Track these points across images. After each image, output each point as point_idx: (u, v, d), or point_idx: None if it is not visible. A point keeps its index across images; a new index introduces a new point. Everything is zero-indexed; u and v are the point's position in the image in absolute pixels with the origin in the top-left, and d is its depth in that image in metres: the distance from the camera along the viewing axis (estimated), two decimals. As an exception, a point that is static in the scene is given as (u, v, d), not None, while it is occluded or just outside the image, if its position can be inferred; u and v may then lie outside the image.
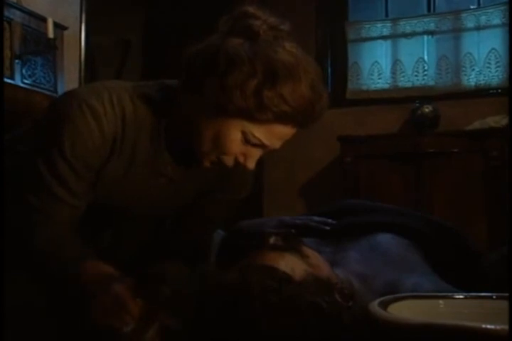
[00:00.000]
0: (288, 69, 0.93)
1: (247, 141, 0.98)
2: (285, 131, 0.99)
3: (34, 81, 2.39)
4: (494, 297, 0.81)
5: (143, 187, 1.11)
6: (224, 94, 0.94)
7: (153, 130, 1.05)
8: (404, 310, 0.75)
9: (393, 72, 3.52)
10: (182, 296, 0.85)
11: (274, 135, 0.98)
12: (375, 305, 0.73)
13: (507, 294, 0.79)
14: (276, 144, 1.01)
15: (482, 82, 3.30)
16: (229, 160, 1.02)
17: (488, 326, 0.64)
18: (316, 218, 1.28)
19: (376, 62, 3.58)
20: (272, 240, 0.95)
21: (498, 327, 0.64)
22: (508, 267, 1.12)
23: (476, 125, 3.03)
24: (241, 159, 1.02)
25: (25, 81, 2.34)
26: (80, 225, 1.07)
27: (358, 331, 0.81)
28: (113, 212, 1.16)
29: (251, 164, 1.03)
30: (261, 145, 1.00)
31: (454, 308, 0.80)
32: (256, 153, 1.02)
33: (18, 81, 2.30)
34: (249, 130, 0.97)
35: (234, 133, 0.97)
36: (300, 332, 0.78)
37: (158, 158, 1.08)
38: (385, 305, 0.74)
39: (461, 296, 0.83)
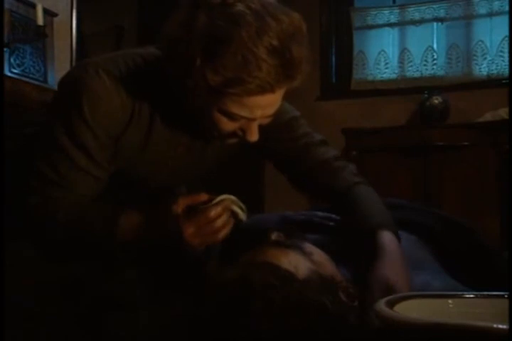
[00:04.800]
0: (226, 39, 0.87)
1: (230, 117, 0.98)
2: (261, 99, 0.95)
3: (23, 70, 2.38)
4: (506, 296, 0.81)
5: (161, 157, 1.12)
6: (176, 81, 0.95)
7: (169, 99, 1.05)
8: (412, 310, 0.75)
9: (401, 62, 3.52)
10: None
11: (252, 107, 0.96)
12: (381, 304, 0.73)
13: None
14: (263, 113, 0.98)
15: (494, 72, 3.29)
16: (230, 138, 1.03)
17: (500, 326, 0.64)
18: (320, 214, 1.28)
19: (383, 50, 3.57)
20: (273, 236, 0.96)
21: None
22: (508, 267, 1.13)
23: (488, 117, 3.03)
24: (239, 133, 1.02)
25: (14, 70, 2.33)
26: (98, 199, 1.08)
27: (364, 331, 0.81)
28: (130, 185, 1.17)
29: (251, 136, 1.01)
30: (249, 119, 0.98)
31: (463, 308, 0.80)
32: (251, 125, 1.00)
33: (6, 70, 2.29)
34: (225, 108, 0.95)
35: (213, 114, 0.97)
36: (303, 333, 0.79)
37: (175, 127, 1.09)
38: (391, 304, 0.74)
39: (471, 295, 0.83)
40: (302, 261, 0.90)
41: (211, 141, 1.11)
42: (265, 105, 0.97)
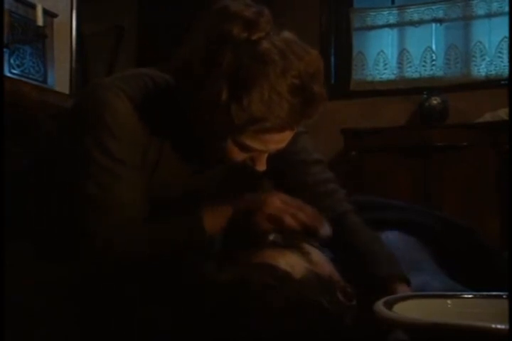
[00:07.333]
0: (253, 77, 0.88)
1: (244, 149, 0.99)
2: (278, 136, 0.97)
3: (23, 71, 2.38)
4: (504, 296, 0.81)
5: (171, 178, 1.11)
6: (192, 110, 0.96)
7: (178, 124, 1.05)
8: (411, 310, 0.75)
9: (400, 62, 3.52)
10: None
11: (268, 141, 0.98)
12: (379, 305, 0.74)
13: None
14: (276, 147, 1.00)
15: (493, 73, 3.29)
16: (238, 164, 1.04)
17: (499, 326, 0.64)
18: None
19: (382, 51, 3.57)
20: (271, 237, 0.96)
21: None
22: (508, 267, 1.13)
23: (487, 117, 3.03)
24: (249, 162, 1.03)
25: (14, 71, 2.33)
26: None
27: (362, 331, 0.81)
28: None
29: (261, 166, 1.03)
30: (260, 151, 1.00)
31: (462, 308, 0.80)
32: (262, 156, 1.02)
33: (6, 71, 2.29)
34: (240, 141, 0.97)
35: (227, 146, 0.98)
36: (302, 333, 0.79)
37: (184, 150, 1.09)
38: (390, 305, 0.74)
39: (470, 296, 0.84)
40: (299, 261, 0.90)
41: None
42: (281, 140, 0.99)
